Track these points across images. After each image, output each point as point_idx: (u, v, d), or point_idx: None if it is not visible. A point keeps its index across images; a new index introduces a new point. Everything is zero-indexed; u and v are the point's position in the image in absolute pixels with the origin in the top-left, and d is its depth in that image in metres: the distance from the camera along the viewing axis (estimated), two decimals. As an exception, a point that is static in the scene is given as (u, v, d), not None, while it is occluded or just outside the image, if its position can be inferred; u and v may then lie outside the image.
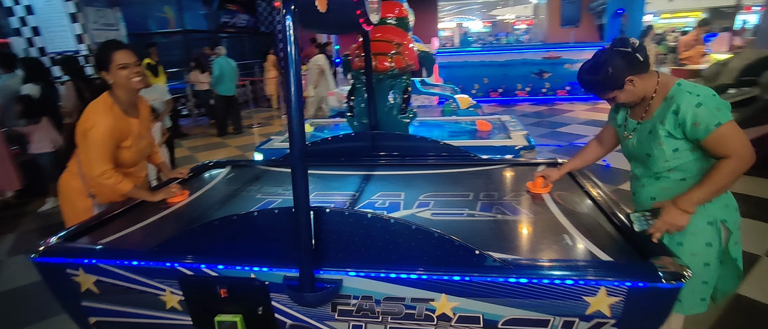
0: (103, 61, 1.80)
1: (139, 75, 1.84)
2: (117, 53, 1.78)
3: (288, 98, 1.14)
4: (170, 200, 1.91)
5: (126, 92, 1.86)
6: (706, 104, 1.29)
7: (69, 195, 1.96)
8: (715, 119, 1.27)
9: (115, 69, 1.79)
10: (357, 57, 2.52)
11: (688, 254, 1.40)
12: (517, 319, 1.26)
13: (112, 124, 1.78)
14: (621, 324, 1.21)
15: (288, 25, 1.09)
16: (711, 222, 1.39)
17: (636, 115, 1.50)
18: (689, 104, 1.30)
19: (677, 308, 1.49)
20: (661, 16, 23.48)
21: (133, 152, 1.92)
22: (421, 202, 1.80)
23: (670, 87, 1.39)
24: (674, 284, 1.13)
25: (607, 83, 1.41)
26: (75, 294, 1.48)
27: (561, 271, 1.19)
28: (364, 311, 1.33)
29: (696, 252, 1.41)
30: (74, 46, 5.67)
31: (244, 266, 1.34)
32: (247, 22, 11.51)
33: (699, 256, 1.41)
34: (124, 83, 1.81)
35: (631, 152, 1.53)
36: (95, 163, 1.77)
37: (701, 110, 1.29)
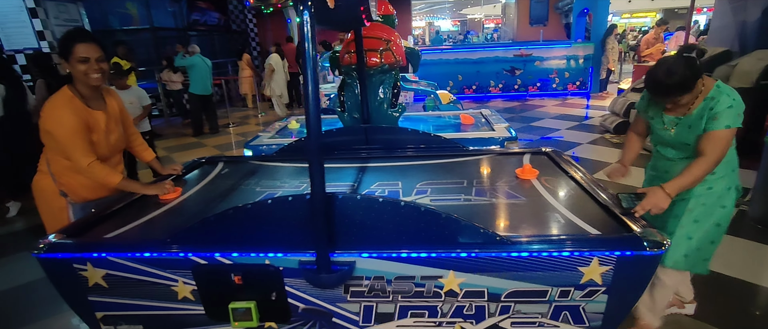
0: (64, 51, 1.73)
1: (99, 72, 1.77)
2: (79, 46, 1.72)
3: (306, 94, 1.19)
4: (163, 198, 1.88)
5: (85, 86, 1.81)
6: (735, 107, 1.52)
7: (43, 196, 1.90)
8: (728, 122, 1.50)
9: (75, 61, 1.72)
10: (347, 53, 2.58)
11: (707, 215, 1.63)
12: (518, 291, 1.37)
13: (76, 117, 1.73)
14: (610, 291, 1.34)
15: (306, 21, 1.15)
16: (730, 187, 1.62)
17: (675, 111, 1.68)
18: (724, 103, 1.53)
19: (683, 264, 1.69)
20: (621, 15, 24.71)
21: (103, 146, 1.86)
22: (419, 190, 1.89)
23: (711, 89, 1.59)
24: (656, 251, 1.27)
25: (683, 87, 1.56)
26: (81, 289, 1.47)
27: (558, 245, 1.31)
28: (376, 291, 1.40)
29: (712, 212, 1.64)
30: (34, 43, 5.40)
31: (259, 253, 1.38)
32: (218, 21, 11.27)
33: (713, 216, 1.64)
34: (81, 78, 1.75)
35: (668, 141, 1.71)
36: (78, 158, 1.72)
37: (728, 111, 1.51)
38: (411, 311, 1.44)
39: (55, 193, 1.84)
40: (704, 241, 1.65)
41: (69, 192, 1.85)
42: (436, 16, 25.79)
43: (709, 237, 1.66)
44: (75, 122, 1.71)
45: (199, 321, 1.53)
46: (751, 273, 2.38)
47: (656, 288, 1.81)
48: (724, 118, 1.53)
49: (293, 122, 3.49)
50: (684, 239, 1.69)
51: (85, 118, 1.77)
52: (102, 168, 1.78)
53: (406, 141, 2.38)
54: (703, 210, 1.65)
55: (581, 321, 1.41)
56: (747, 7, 5.46)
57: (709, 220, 1.64)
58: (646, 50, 7.18)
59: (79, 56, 1.72)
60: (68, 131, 1.70)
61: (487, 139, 2.75)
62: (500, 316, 1.42)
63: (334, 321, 1.49)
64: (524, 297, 1.38)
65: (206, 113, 7.20)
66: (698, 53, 1.58)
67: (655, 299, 1.83)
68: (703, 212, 1.65)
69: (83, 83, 1.79)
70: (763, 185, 2.97)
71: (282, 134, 3.26)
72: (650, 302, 1.86)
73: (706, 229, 1.64)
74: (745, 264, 2.49)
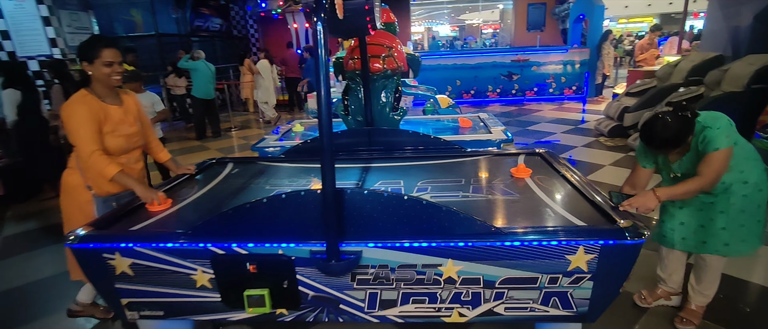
0: (89, 54, 1.87)
1: (119, 74, 1.94)
2: (106, 50, 1.87)
3: (318, 97, 1.32)
4: (150, 208, 1.87)
5: (103, 87, 1.95)
6: (721, 130, 1.67)
7: (70, 190, 2.01)
8: (717, 144, 1.66)
9: (100, 64, 1.87)
10: (351, 59, 2.71)
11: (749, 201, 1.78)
12: (511, 278, 1.49)
13: (87, 108, 1.86)
14: (595, 278, 1.47)
15: (319, 31, 1.28)
16: (761, 175, 1.77)
17: (675, 155, 1.85)
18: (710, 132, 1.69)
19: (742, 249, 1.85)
20: (617, 21, 24.95)
21: (117, 138, 1.97)
22: (420, 188, 2.01)
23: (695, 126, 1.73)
24: (637, 240, 1.40)
25: (677, 142, 1.73)
26: (109, 277, 1.59)
27: (547, 235, 1.44)
28: (380, 279, 1.53)
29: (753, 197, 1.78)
30: (47, 50, 5.55)
31: (273, 243, 1.50)
32: (220, 26, 11.43)
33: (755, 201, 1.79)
34: (105, 80, 1.90)
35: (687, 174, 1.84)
36: (82, 145, 1.84)
37: (714, 136, 1.67)
38: (413, 297, 1.56)
39: (81, 187, 1.96)
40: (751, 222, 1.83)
41: (93, 186, 1.97)
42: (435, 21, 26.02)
43: (755, 217, 1.83)
44: (84, 113, 1.85)
45: (215, 308, 1.65)
46: (738, 270, 2.50)
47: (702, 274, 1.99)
48: (712, 142, 1.69)
49: (297, 125, 3.62)
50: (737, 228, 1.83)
51: (97, 111, 1.90)
52: (102, 159, 1.86)
53: (407, 143, 2.51)
54: (746, 201, 1.80)
55: (569, 306, 1.53)
56: (739, 12, 5.61)
57: (752, 205, 1.80)
58: (640, 55, 7.34)
59: (105, 60, 1.87)
60: (76, 120, 1.83)
61: (485, 141, 2.87)
62: (495, 302, 1.54)
63: (341, 308, 1.61)
64: (516, 284, 1.50)
65: (209, 117, 7.32)
66: (692, 112, 1.73)
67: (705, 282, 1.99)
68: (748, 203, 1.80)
69: (103, 84, 1.94)
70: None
71: (287, 136, 3.39)
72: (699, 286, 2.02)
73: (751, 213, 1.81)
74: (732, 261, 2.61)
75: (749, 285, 2.40)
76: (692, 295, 2.06)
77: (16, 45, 5.52)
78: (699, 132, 1.73)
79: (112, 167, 1.88)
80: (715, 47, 5.84)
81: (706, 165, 1.70)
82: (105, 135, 1.93)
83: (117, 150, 1.99)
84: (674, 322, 2.06)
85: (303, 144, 2.64)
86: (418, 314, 1.59)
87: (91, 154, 1.85)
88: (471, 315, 1.58)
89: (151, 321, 1.75)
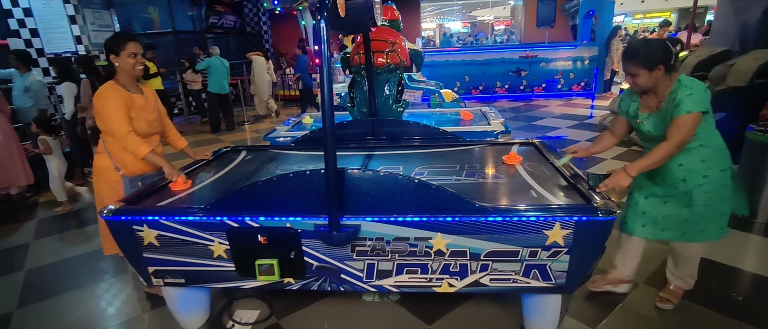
0: (116, 47, 2.11)
1: (141, 64, 2.19)
2: (130, 43, 2.12)
3: (322, 88, 1.50)
4: (172, 186, 2.11)
5: (127, 77, 2.18)
6: (694, 94, 1.72)
7: (101, 172, 2.24)
8: (688, 107, 1.70)
9: (125, 56, 2.11)
10: (357, 54, 2.89)
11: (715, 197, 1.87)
12: (495, 251, 1.65)
13: (117, 95, 2.10)
14: (571, 252, 1.62)
15: (322, 28, 1.45)
16: (723, 169, 1.85)
17: (647, 108, 1.91)
18: (683, 92, 1.74)
19: (701, 237, 1.94)
20: (633, 16, 24.57)
21: (141, 123, 2.19)
22: (417, 172, 2.18)
23: (674, 83, 1.79)
24: (608, 217, 1.54)
25: (645, 57, 1.76)
26: (138, 247, 1.80)
27: (527, 211, 1.59)
28: (377, 250, 1.70)
29: (715, 189, 1.86)
30: (73, 47, 5.85)
31: (281, 217, 1.69)
32: (234, 24, 11.72)
33: (717, 194, 1.87)
34: (129, 69, 2.14)
35: (649, 136, 1.93)
36: (117, 128, 2.07)
37: (687, 98, 1.72)
38: (406, 268, 1.73)
39: (111, 169, 2.18)
40: (715, 215, 1.90)
41: (122, 167, 2.20)
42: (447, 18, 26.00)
43: (718, 211, 1.91)
44: (116, 100, 2.09)
45: (229, 277, 1.85)
46: (731, 257, 2.61)
47: (680, 261, 2.08)
48: (684, 104, 1.72)
49: (307, 117, 3.81)
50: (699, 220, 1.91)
51: (125, 98, 2.15)
52: (136, 139, 2.12)
53: (408, 132, 2.68)
54: (710, 196, 1.86)
55: (548, 278, 1.69)
56: (748, 7, 5.60)
57: (717, 199, 1.88)
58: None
59: (130, 51, 2.11)
60: (111, 107, 2.07)
61: (483, 132, 3.02)
62: (481, 273, 1.71)
63: (342, 277, 1.79)
64: (500, 257, 1.66)
65: (223, 111, 7.58)
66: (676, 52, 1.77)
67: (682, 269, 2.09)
68: (711, 198, 1.87)
69: (127, 74, 2.17)
70: (742, 176, 3.17)
71: (297, 128, 3.58)
72: (677, 271, 2.12)
73: (712, 205, 1.88)
74: (725, 248, 2.72)
75: (740, 273, 2.50)
76: (671, 278, 2.16)
77: (44, 42, 5.84)
78: (674, 90, 1.77)
79: (145, 147, 2.12)
80: (724, 42, 5.84)
81: (674, 128, 1.73)
82: (131, 120, 2.16)
83: (141, 134, 2.21)
84: (655, 302, 2.18)
85: (311, 133, 2.83)
86: (411, 284, 1.77)
87: (126, 134, 2.08)
88: (459, 285, 1.74)
89: (173, 289, 1.97)
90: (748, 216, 3.09)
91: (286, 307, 2.30)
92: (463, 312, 2.18)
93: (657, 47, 1.76)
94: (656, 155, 1.77)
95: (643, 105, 1.94)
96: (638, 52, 1.78)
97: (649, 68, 1.77)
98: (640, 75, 1.79)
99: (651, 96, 1.88)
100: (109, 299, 2.52)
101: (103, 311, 2.42)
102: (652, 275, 2.45)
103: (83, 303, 2.48)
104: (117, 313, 2.38)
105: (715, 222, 1.93)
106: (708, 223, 1.92)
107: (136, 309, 2.38)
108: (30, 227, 3.66)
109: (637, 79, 1.81)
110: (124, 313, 2.36)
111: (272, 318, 2.22)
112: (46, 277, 2.84)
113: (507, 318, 2.12)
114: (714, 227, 1.94)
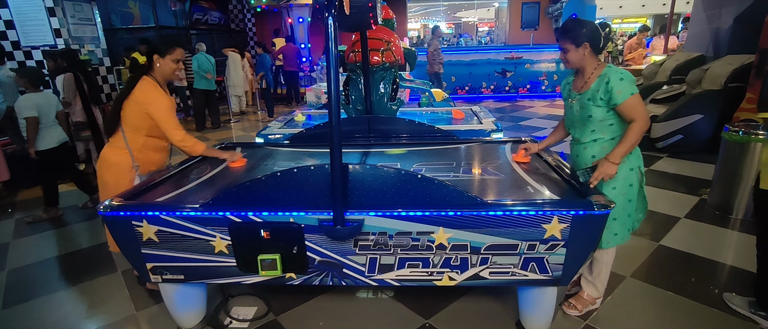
0: (164, 49, 2.16)
1: (181, 71, 2.29)
2: (179, 50, 2.21)
3: (328, 86, 1.51)
4: (232, 164, 2.33)
5: (162, 78, 2.21)
6: (625, 79, 1.80)
7: (116, 167, 2.20)
8: (630, 90, 1.78)
9: (170, 60, 2.18)
10: (352, 53, 2.90)
11: (619, 194, 1.90)
12: (495, 245, 1.70)
13: (166, 98, 2.17)
14: (568, 245, 1.68)
15: (329, 25, 1.47)
16: (632, 168, 1.90)
17: (577, 87, 1.98)
18: (616, 77, 1.81)
19: (615, 241, 1.98)
20: (612, 21, 25.27)
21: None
22: (415, 170, 2.21)
23: (604, 69, 1.88)
24: (603, 211, 1.60)
25: (573, 33, 1.85)
26: (137, 243, 1.78)
27: (526, 206, 1.64)
28: (380, 245, 1.73)
29: (624, 192, 1.91)
30: (52, 41, 5.65)
31: (285, 212, 1.69)
32: (218, 20, 11.53)
33: (625, 195, 1.91)
34: (168, 73, 2.21)
35: (575, 117, 1.98)
36: (173, 132, 2.15)
37: (622, 83, 1.79)
38: (408, 262, 1.76)
39: (127, 166, 2.18)
40: (623, 216, 1.95)
41: (141, 165, 2.21)
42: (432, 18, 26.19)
43: (626, 212, 1.95)
44: (168, 103, 2.16)
45: (230, 272, 1.84)
46: (709, 251, 2.74)
47: (594, 266, 2.11)
48: (625, 89, 1.79)
49: (299, 114, 3.80)
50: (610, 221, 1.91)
51: (171, 101, 2.22)
52: (193, 138, 2.24)
53: (404, 130, 2.71)
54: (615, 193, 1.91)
55: (545, 271, 1.74)
56: (721, 14, 5.86)
57: (623, 199, 1.92)
58: (628, 54, 7.59)
59: (176, 57, 2.19)
60: (165, 109, 2.13)
61: (476, 130, 3.08)
62: (481, 267, 1.75)
63: (344, 272, 1.81)
64: (499, 250, 1.71)
65: (209, 109, 7.47)
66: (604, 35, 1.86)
67: (594, 273, 2.11)
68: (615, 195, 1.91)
69: (164, 76, 2.23)
70: (720, 176, 3.33)
71: (290, 125, 3.57)
72: (590, 277, 2.14)
73: (622, 207, 1.92)
74: (704, 243, 2.85)
75: (717, 265, 2.63)
76: (584, 285, 2.18)
77: (20, 35, 5.62)
78: (605, 74, 1.83)
79: (201, 144, 2.28)
80: (699, 48, 6.09)
81: (631, 111, 1.79)
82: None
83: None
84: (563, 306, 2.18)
85: (306, 131, 2.83)
86: (412, 277, 1.80)
87: (185, 136, 2.19)
88: (460, 278, 1.78)
89: (171, 286, 1.95)
90: (727, 213, 3.26)
91: (283, 304, 2.30)
92: (460, 307, 2.23)
93: (585, 26, 1.85)
94: (630, 137, 1.80)
95: (574, 85, 2.01)
96: (568, 28, 1.87)
97: (576, 44, 1.85)
98: (569, 50, 1.88)
99: (580, 76, 1.96)
100: (98, 298, 2.47)
101: (92, 310, 2.36)
102: (638, 269, 2.56)
103: (71, 303, 2.43)
104: (107, 312, 2.33)
105: (624, 224, 1.96)
106: (618, 225, 1.94)
107: (129, 308, 2.34)
108: (8, 226, 3.53)
109: (567, 55, 1.90)
110: (114, 313, 2.31)
111: (269, 314, 2.22)
112: (30, 277, 2.75)
113: (503, 312, 2.17)
114: (623, 230, 1.97)
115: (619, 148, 1.81)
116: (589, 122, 1.90)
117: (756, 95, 4.14)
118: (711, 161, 3.70)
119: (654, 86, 5.87)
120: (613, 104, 1.82)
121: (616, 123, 1.87)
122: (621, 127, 1.88)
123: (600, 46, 1.87)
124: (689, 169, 4.40)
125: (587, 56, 1.87)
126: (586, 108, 1.89)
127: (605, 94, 1.82)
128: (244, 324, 2.15)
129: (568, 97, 2.04)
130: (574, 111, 1.97)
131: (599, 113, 1.86)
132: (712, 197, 3.44)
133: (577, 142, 2.01)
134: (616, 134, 1.89)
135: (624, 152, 1.81)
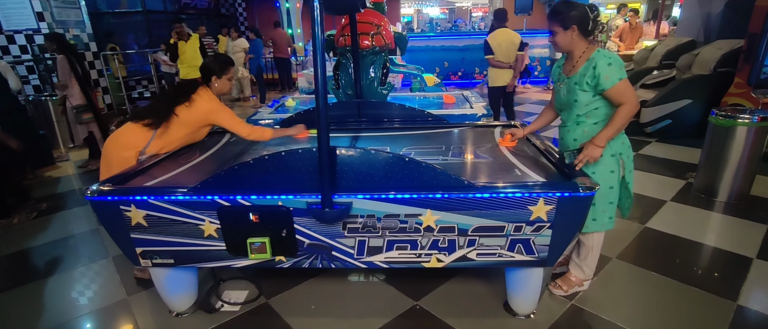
0: (222, 71, 2.33)
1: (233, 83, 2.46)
2: (232, 68, 2.38)
3: (315, 70, 1.50)
4: (298, 136, 2.52)
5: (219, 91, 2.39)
6: (614, 64, 1.79)
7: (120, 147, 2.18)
8: (618, 75, 1.78)
9: (226, 79, 2.36)
10: (342, 36, 2.87)
11: (599, 179, 1.91)
12: (482, 227, 1.72)
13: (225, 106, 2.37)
14: (554, 226, 1.70)
15: (315, 7, 1.45)
16: (613, 155, 1.91)
17: (566, 70, 1.98)
18: (604, 62, 1.80)
19: (594, 226, 2.01)
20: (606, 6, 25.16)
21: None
22: (405, 153, 2.21)
23: (592, 53, 1.87)
24: (588, 193, 1.63)
25: (561, 15, 1.83)
26: (125, 228, 1.77)
27: (512, 188, 1.66)
28: (368, 227, 1.74)
29: (604, 178, 1.92)
30: (34, 24, 5.53)
31: (273, 195, 1.70)
32: (208, 4, 11.31)
33: (606, 181, 1.93)
34: (225, 89, 2.39)
35: (562, 100, 1.98)
36: (242, 127, 2.33)
37: (611, 68, 1.78)
38: (396, 244, 1.78)
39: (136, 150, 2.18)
40: (604, 203, 1.96)
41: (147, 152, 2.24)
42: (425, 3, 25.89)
43: (607, 199, 1.96)
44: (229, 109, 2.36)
45: (220, 256, 1.85)
46: (695, 233, 2.80)
47: (581, 249, 2.14)
48: (613, 74, 1.78)
49: (290, 100, 3.78)
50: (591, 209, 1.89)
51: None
52: (260, 127, 2.45)
53: (394, 114, 2.71)
54: (595, 178, 1.85)
55: (532, 252, 1.77)
56: (711, 0, 5.87)
57: (604, 186, 1.92)
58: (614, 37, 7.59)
59: (230, 75, 2.38)
60: (230, 115, 2.33)
61: (467, 115, 3.08)
62: (468, 248, 1.77)
63: (333, 254, 1.82)
64: (486, 232, 1.73)
65: (199, 95, 7.36)
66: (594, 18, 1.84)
67: (581, 256, 2.15)
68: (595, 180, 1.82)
69: (221, 93, 2.40)
70: (706, 160, 3.38)
71: (280, 110, 3.55)
72: (578, 259, 2.17)
73: (603, 194, 1.93)
74: (689, 225, 2.91)
75: (702, 247, 2.69)
76: (572, 267, 2.21)
77: (2, 19, 5.49)
78: (593, 59, 1.82)
79: (268, 130, 2.42)
80: (690, 33, 6.11)
81: (620, 96, 1.79)
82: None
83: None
84: (549, 286, 2.23)
85: (296, 116, 2.81)
86: (401, 260, 1.82)
87: (250, 133, 2.34)
88: (447, 260, 1.81)
89: (161, 270, 1.95)
90: (712, 196, 3.32)
91: (275, 287, 2.32)
92: (449, 289, 2.27)
93: (574, 9, 1.82)
94: (617, 120, 1.80)
95: (563, 68, 2.00)
96: (557, 11, 1.86)
97: (564, 26, 1.84)
98: (557, 33, 1.87)
99: (569, 60, 1.95)
100: (89, 283, 2.47)
101: (82, 295, 2.37)
102: (624, 250, 2.61)
103: (62, 288, 2.43)
104: (98, 297, 2.33)
105: (605, 210, 1.97)
106: (596, 211, 1.95)
107: (120, 293, 2.35)
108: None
109: (556, 38, 1.89)
110: (106, 298, 2.32)
111: (261, 298, 2.24)
112: (21, 262, 2.75)
113: (491, 294, 2.21)
114: (603, 217, 1.98)
115: (605, 131, 1.82)
116: (574, 106, 1.90)
117: (744, 80, 4.19)
118: (699, 145, 3.74)
119: (645, 70, 5.89)
120: (600, 90, 1.81)
121: (601, 107, 1.87)
122: (606, 112, 1.88)
123: (589, 29, 1.85)
124: (677, 153, 4.46)
125: (575, 39, 1.86)
126: (572, 92, 1.89)
127: (592, 79, 1.82)
128: (235, 308, 2.17)
129: (557, 80, 2.04)
130: (561, 95, 1.97)
131: (584, 98, 1.86)
132: (697, 181, 3.49)
133: (563, 125, 2.02)
134: (600, 118, 1.89)
135: (609, 135, 1.82)
